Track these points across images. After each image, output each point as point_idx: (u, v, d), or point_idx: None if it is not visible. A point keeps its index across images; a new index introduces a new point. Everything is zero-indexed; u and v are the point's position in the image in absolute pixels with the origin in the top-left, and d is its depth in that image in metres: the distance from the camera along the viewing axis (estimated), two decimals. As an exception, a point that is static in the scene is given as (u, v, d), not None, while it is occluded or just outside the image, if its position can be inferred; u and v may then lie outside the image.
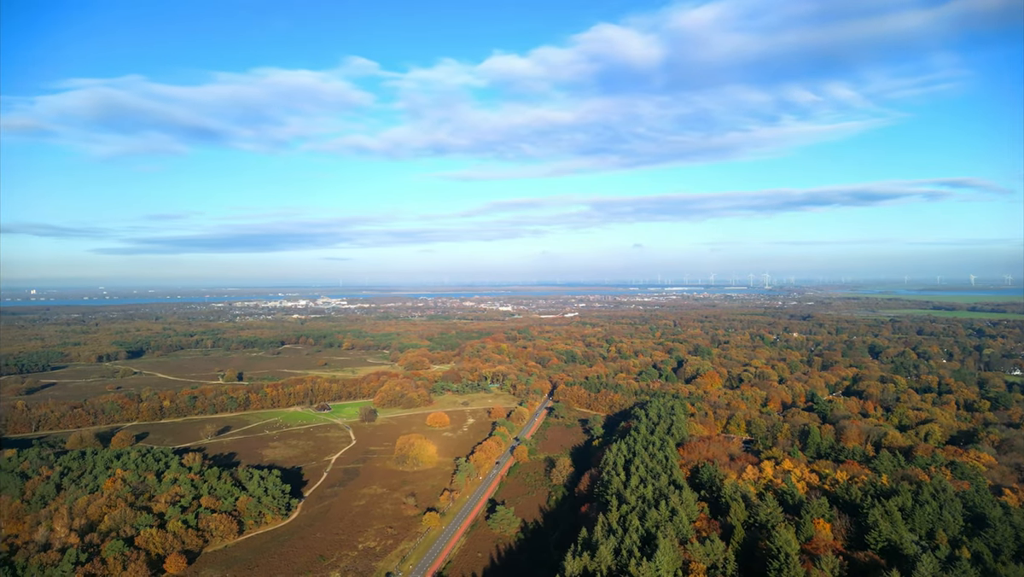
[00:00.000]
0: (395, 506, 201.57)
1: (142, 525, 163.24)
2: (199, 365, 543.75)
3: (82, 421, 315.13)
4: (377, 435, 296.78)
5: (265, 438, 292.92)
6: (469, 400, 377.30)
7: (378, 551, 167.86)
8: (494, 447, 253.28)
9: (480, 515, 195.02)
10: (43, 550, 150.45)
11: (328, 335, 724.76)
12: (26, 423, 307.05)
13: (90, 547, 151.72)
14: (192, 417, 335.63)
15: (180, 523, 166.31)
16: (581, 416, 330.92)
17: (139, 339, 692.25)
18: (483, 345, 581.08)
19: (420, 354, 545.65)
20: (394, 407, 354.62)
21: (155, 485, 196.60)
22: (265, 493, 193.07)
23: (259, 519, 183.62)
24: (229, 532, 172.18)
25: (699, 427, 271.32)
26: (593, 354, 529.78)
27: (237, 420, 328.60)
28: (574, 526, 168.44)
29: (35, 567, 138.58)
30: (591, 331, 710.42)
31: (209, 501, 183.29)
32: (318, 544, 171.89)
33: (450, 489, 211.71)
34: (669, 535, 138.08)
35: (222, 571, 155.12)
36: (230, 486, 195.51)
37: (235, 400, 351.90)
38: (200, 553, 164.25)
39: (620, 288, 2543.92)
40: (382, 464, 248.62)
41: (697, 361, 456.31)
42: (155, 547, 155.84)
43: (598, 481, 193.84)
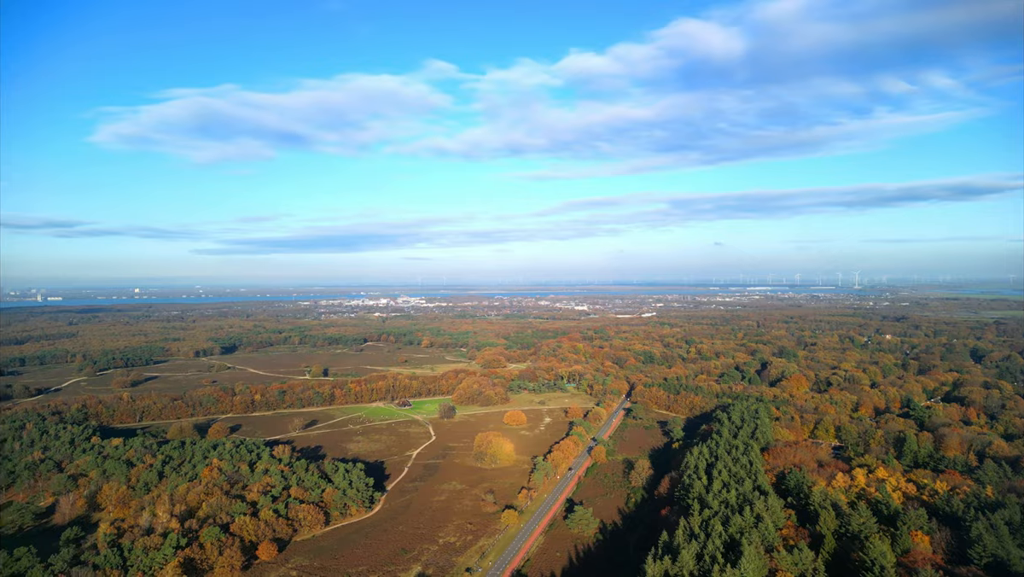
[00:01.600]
0: (474, 502, 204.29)
1: (237, 513, 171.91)
2: (287, 361, 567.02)
3: (181, 412, 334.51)
4: (456, 432, 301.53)
5: (349, 432, 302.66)
6: (545, 399, 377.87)
7: (458, 546, 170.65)
8: (571, 447, 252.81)
9: (558, 514, 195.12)
10: (147, 534, 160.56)
11: (408, 333, 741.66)
12: (131, 414, 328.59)
13: (189, 532, 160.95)
14: (281, 411, 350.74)
15: (271, 512, 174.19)
16: (660, 418, 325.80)
17: (232, 335, 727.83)
18: (559, 344, 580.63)
19: (496, 352, 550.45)
20: (471, 404, 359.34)
21: (248, 475, 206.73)
22: (350, 486, 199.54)
23: (344, 511, 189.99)
24: (316, 522, 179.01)
25: (785, 432, 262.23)
26: (672, 355, 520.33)
27: (323, 414, 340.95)
28: (653, 529, 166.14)
29: (140, 550, 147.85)
30: (670, 331, 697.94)
31: (298, 492, 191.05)
32: (400, 537, 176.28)
33: (528, 487, 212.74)
34: (754, 542, 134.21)
35: (310, 560, 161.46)
36: (317, 478, 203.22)
37: (321, 395, 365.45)
38: (290, 541, 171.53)
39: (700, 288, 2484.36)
40: (461, 460, 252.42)
41: (782, 363, 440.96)
42: (248, 534, 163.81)
43: (679, 484, 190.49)
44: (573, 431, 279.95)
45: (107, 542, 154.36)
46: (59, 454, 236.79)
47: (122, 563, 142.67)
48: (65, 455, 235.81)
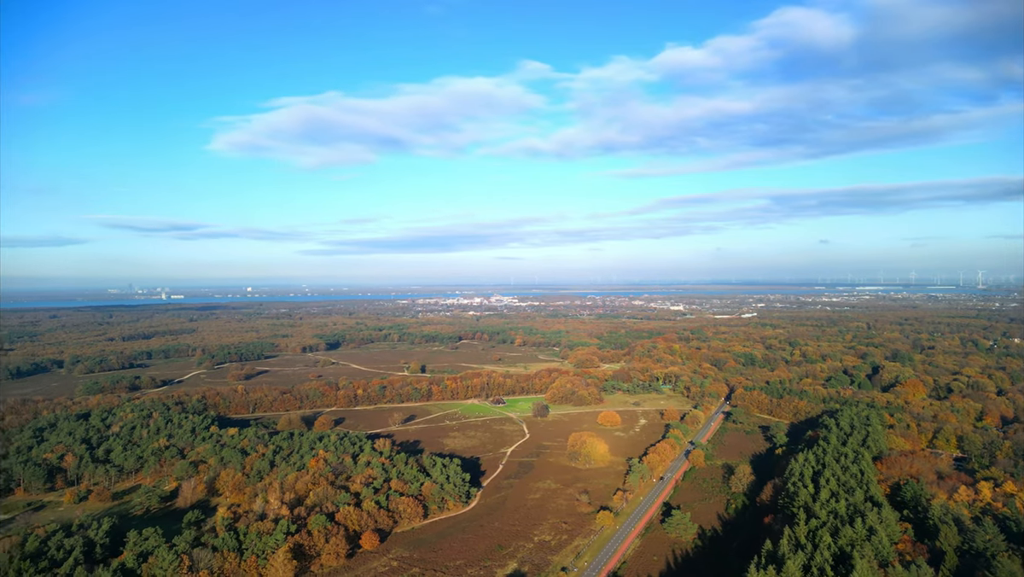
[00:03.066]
0: (568, 502, 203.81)
1: (341, 503, 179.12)
2: (387, 357, 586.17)
3: (290, 405, 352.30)
4: (549, 431, 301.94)
5: (446, 428, 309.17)
6: (640, 400, 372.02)
7: (553, 545, 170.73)
8: (668, 450, 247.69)
9: (655, 518, 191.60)
10: (260, 519, 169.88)
11: (501, 331, 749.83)
12: (245, 405, 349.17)
13: (298, 519, 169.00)
14: (382, 405, 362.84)
15: (373, 503, 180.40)
16: (761, 422, 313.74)
17: (336, 332, 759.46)
18: (654, 345, 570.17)
19: (590, 352, 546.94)
20: (565, 404, 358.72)
21: (351, 466, 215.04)
22: (447, 480, 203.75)
23: (442, 505, 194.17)
24: (415, 515, 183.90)
25: (899, 440, 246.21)
26: (774, 357, 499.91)
27: (421, 410, 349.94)
28: (756, 537, 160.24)
29: (254, 534, 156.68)
30: (771, 333, 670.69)
31: (398, 484, 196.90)
32: (496, 533, 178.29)
33: (623, 489, 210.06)
34: (867, 555, 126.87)
35: (410, 551, 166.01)
36: (416, 472, 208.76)
37: (419, 391, 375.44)
38: (391, 532, 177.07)
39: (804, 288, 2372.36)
40: (555, 459, 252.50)
41: (896, 367, 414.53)
42: (352, 524, 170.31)
43: (782, 492, 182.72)
44: (669, 434, 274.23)
45: (224, 526, 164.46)
46: (182, 442, 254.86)
47: (238, 546, 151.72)
48: (187, 443, 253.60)
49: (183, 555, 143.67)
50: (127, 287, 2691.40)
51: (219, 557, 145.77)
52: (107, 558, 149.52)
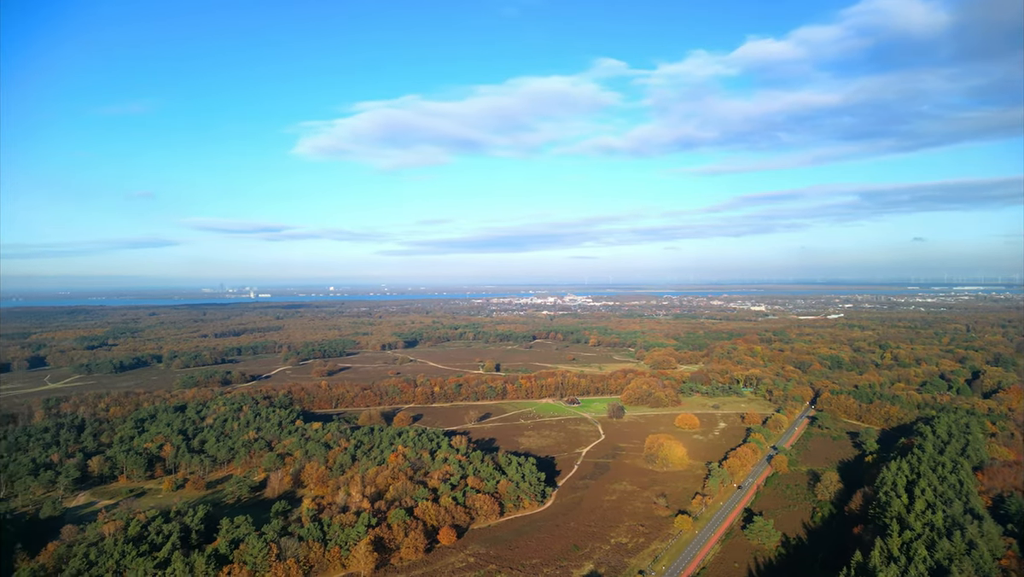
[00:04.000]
0: (645, 505, 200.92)
1: (420, 498, 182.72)
2: (462, 355, 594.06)
3: (370, 401, 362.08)
4: (625, 432, 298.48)
5: (521, 427, 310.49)
6: (719, 403, 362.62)
7: (630, 547, 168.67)
8: (749, 454, 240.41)
9: (735, 524, 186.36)
10: (342, 511, 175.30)
11: (575, 331, 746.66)
12: (328, 400, 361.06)
13: (378, 513, 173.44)
14: (458, 403, 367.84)
15: (451, 499, 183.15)
16: (849, 428, 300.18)
17: (413, 330, 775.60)
18: (734, 346, 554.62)
19: (666, 353, 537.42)
20: (641, 405, 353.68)
21: (429, 462, 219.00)
22: (523, 479, 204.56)
23: (517, 503, 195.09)
24: (492, 512, 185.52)
25: (1003, 450, 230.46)
26: (863, 360, 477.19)
27: (496, 408, 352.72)
28: (844, 548, 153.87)
29: (337, 526, 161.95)
30: (860, 334, 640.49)
31: (474, 481, 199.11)
32: (572, 533, 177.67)
33: (702, 493, 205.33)
34: (966, 571, 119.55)
35: (487, 548, 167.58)
36: (492, 469, 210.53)
37: (494, 389, 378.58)
38: (467, 529, 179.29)
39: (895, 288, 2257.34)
40: (631, 461, 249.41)
41: (998, 373, 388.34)
42: (431, 519, 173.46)
43: (873, 501, 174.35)
44: (751, 438, 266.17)
45: (310, 517, 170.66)
46: (269, 434, 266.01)
47: (322, 536, 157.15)
48: (274, 435, 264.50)
49: (272, 543, 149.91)
50: (219, 286, 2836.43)
51: (305, 546, 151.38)
52: (202, 544, 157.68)
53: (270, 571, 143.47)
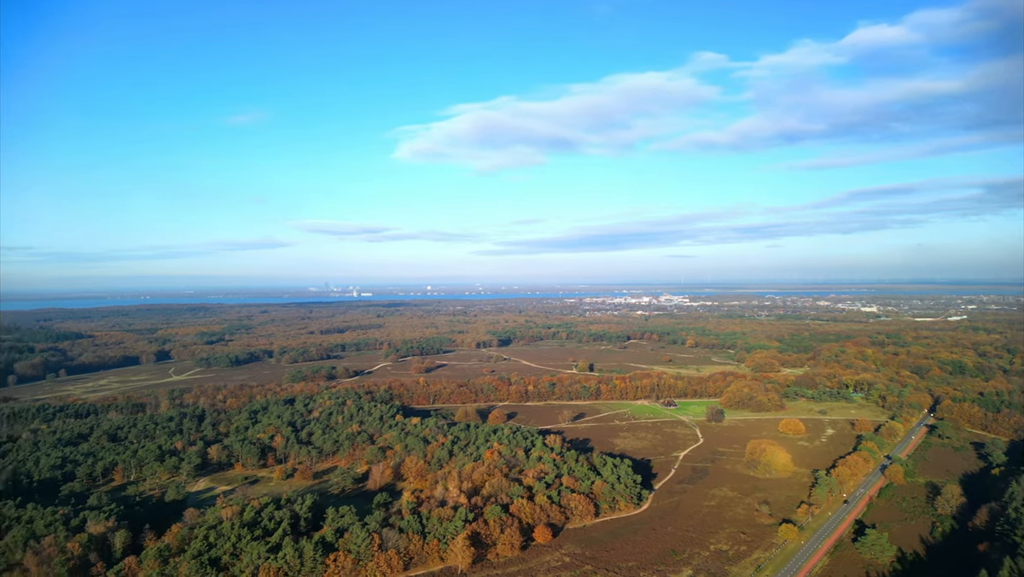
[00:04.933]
0: (747, 512, 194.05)
1: (515, 495, 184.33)
2: (555, 355, 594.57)
3: (466, 398, 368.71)
4: (724, 436, 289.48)
5: (615, 428, 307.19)
6: (827, 409, 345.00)
7: (730, 555, 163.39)
8: (860, 463, 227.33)
9: (845, 536, 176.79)
10: (440, 505, 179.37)
11: (671, 332, 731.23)
12: (426, 396, 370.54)
13: (475, 508, 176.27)
14: (551, 402, 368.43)
15: (546, 498, 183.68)
16: (973, 438, 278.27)
17: (507, 329, 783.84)
18: (842, 349, 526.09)
19: (769, 356, 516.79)
20: (742, 409, 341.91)
21: (524, 460, 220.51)
22: (618, 481, 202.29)
23: (613, 505, 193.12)
24: (587, 513, 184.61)
25: None
26: (989, 366, 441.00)
27: (589, 408, 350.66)
28: (968, 565, 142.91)
29: (435, 519, 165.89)
30: (985, 338, 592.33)
31: (569, 481, 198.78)
32: (669, 538, 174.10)
33: (808, 503, 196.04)
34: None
35: (582, 548, 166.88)
36: (586, 470, 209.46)
37: (588, 389, 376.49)
38: (563, 528, 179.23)
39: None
40: (731, 467, 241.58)
41: None
42: (526, 516, 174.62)
43: (1001, 518, 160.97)
44: (861, 446, 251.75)
45: (409, 509, 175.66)
46: (371, 428, 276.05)
47: (421, 529, 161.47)
48: (376, 429, 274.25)
49: (374, 533, 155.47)
50: (324, 285, 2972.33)
51: (405, 538, 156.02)
52: (310, 531, 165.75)
53: (372, 560, 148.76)
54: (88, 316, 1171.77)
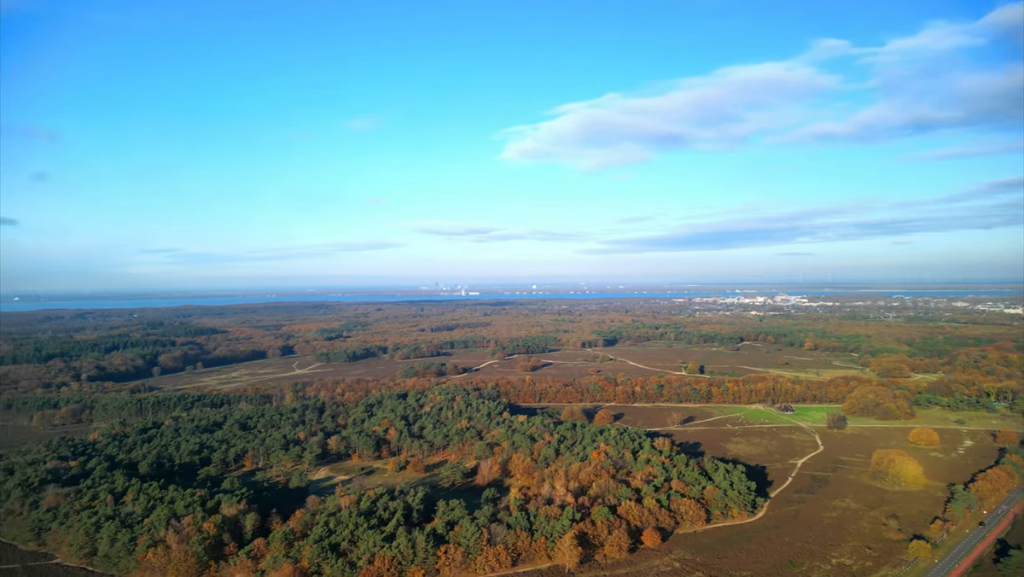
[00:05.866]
0: (872, 525, 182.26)
1: (622, 497, 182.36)
2: (663, 356, 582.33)
3: (572, 397, 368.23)
4: (847, 444, 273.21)
5: (727, 432, 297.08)
6: (964, 418, 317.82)
7: (855, 570, 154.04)
8: (1004, 478, 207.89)
9: (986, 555, 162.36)
10: (547, 503, 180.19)
11: (788, 333, 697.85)
12: (532, 395, 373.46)
13: (582, 508, 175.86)
14: (659, 404, 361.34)
15: (654, 501, 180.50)
16: None
17: (613, 329, 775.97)
18: (983, 354, 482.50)
19: (897, 360, 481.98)
20: (866, 416, 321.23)
21: (631, 462, 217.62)
22: (731, 487, 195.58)
23: (725, 511, 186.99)
24: (698, 518, 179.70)
25: None
26: None
27: (699, 411, 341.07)
28: None
29: (542, 517, 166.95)
30: None
31: (678, 485, 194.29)
32: (786, 549, 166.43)
33: (943, 518, 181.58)
34: None
35: (693, 554, 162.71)
36: (697, 474, 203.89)
37: (698, 392, 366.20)
38: (672, 533, 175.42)
39: None
40: (855, 477, 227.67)
41: None
42: (634, 519, 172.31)
43: None
44: (1005, 460, 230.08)
45: (517, 506, 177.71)
46: (479, 424, 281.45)
47: (529, 526, 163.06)
48: (484, 425, 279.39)
49: (483, 528, 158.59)
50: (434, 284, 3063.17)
51: (513, 534, 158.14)
52: (421, 522, 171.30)
53: (481, 555, 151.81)
54: (222, 313, 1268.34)
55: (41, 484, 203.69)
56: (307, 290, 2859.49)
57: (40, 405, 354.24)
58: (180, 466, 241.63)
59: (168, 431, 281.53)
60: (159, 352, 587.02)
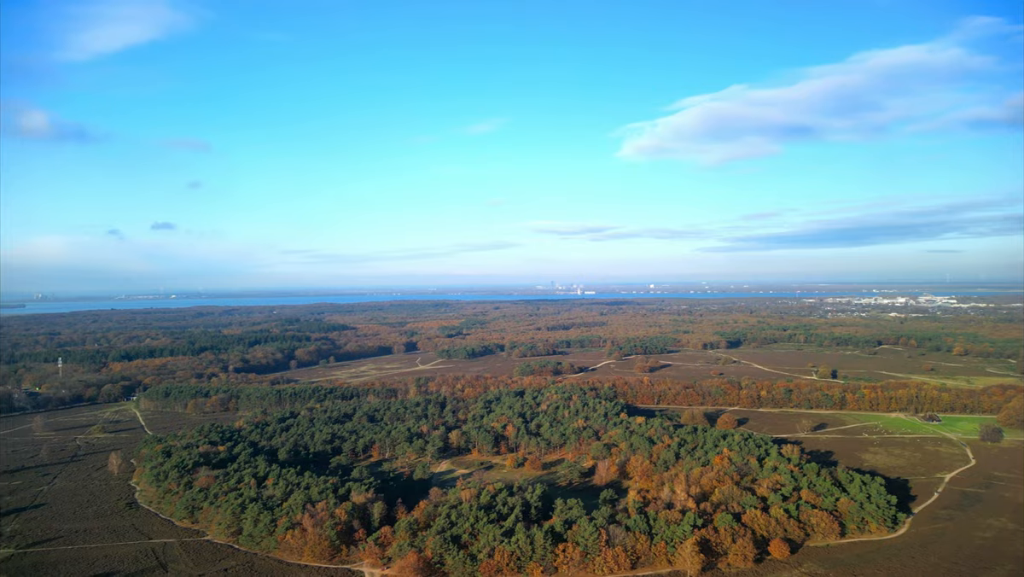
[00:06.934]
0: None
1: (747, 505, 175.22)
2: (791, 359, 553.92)
3: (692, 400, 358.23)
4: (1003, 459, 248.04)
5: (863, 441, 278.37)
6: None
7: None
8: None
9: None
10: (667, 508, 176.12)
11: (934, 337, 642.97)
12: (650, 396, 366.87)
13: (704, 514, 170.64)
14: (787, 409, 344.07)
15: (782, 511, 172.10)
16: None
17: (736, 330, 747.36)
18: None
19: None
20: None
21: (757, 469, 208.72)
22: (868, 500, 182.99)
23: (862, 526, 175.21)
24: (830, 531, 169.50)
25: None
26: None
27: (832, 418, 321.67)
28: None
29: (662, 521, 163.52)
30: None
31: (808, 495, 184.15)
32: (931, 569, 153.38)
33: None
34: None
35: (825, 569, 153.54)
36: (830, 485, 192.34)
37: (830, 398, 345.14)
38: (801, 545, 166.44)
39: None
40: (1012, 495, 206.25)
41: None
42: (759, 528, 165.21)
43: None
44: None
45: (636, 508, 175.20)
46: (596, 424, 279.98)
47: (648, 530, 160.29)
48: (600, 426, 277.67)
49: (601, 529, 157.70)
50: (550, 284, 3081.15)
51: (632, 537, 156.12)
52: (539, 520, 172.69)
53: (600, 555, 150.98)
54: (351, 310, 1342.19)
55: (194, 466, 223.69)
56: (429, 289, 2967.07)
57: (193, 394, 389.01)
58: (314, 454, 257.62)
59: (303, 421, 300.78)
60: (295, 347, 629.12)
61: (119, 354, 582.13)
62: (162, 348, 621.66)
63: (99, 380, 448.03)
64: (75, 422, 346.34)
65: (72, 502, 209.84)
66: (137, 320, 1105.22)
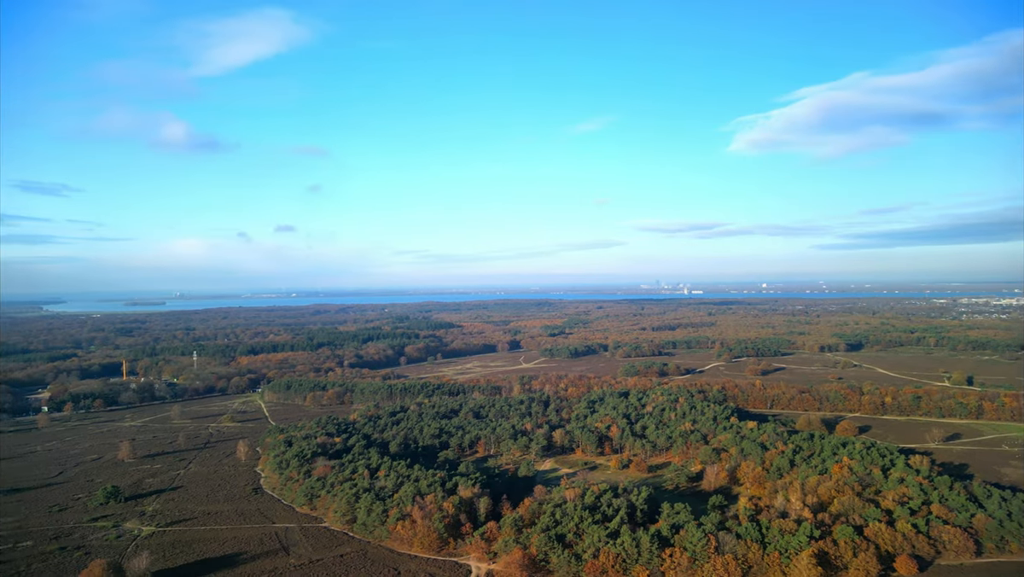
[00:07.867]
0: None
1: (870, 517, 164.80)
2: (919, 363, 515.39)
3: (808, 405, 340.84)
4: None
5: (1003, 454, 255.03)
6: None
7: None
8: None
9: None
10: (781, 517, 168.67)
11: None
12: (762, 400, 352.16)
13: (821, 525, 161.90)
14: (915, 417, 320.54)
15: (909, 526, 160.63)
16: None
17: (857, 332, 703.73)
18: None
19: None
20: None
21: (880, 480, 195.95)
22: (1008, 517, 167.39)
23: (1001, 545, 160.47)
24: (965, 549, 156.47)
25: None
26: None
27: (967, 428, 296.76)
28: None
29: (776, 530, 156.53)
30: None
31: (939, 510, 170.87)
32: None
33: None
34: None
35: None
36: (964, 500, 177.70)
37: (965, 406, 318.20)
38: (931, 563, 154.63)
39: None
40: None
41: None
42: (884, 543, 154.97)
43: None
44: None
45: (747, 516, 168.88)
46: (704, 428, 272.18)
47: (760, 538, 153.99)
48: (709, 429, 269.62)
49: (710, 535, 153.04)
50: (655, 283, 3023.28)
51: (743, 545, 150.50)
52: (645, 523, 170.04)
53: (709, 562, 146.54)
54: (457, 309, 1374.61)
55: (313, 456, 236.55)
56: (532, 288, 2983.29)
57: (312, 387, 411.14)
58: (423, 448, 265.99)
59: (413, 415, 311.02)
60: (405, 344, 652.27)
61: (246, 349, 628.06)
62: (283, 344, 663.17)
63: (228, 373, 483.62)
64: (208, 411, 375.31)
65: (205, 485, 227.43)
66: (261, 317, 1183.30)
